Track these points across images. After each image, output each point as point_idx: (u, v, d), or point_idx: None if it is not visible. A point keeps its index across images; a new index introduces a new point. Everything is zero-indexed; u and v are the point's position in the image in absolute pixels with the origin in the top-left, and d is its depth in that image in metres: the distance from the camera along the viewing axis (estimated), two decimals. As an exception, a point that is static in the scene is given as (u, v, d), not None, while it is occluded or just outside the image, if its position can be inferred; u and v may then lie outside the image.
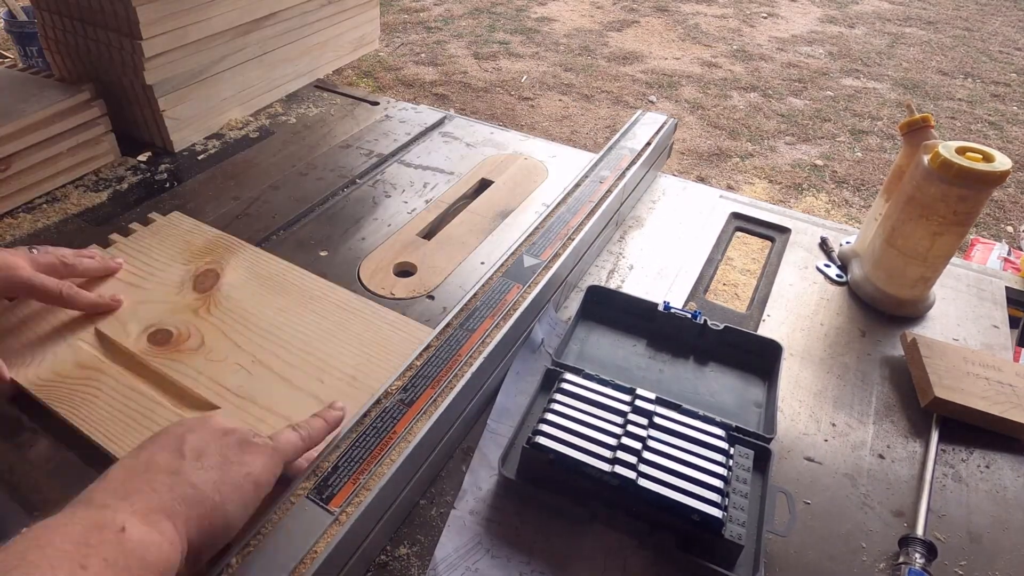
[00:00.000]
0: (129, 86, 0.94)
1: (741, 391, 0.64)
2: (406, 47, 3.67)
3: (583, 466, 0.50)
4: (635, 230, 0.87)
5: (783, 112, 3.06)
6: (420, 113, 1.11)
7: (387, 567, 0.49)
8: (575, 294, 0.77)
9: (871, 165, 2.68)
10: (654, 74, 3.39)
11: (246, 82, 1.06)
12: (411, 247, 0.80)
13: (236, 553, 0.42)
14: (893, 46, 3.78)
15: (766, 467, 0.54)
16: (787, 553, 0.52)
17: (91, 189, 0.89)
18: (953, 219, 0.67)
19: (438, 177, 0.94)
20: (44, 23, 0.97)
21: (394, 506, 0.49)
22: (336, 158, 0.98)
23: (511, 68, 3.44)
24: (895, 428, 0.62)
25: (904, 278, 0.73)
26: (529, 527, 0.52)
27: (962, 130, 2.95)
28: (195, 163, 0.96)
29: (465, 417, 0.58)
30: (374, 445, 0.50)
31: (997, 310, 0.77)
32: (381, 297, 0.72)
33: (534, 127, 2.90)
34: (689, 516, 0.48)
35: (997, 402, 0.62)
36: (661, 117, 0.98)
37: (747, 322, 0.74)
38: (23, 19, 2.66)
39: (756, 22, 4.11)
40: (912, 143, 0.73)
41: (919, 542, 0.51)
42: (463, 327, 0.61)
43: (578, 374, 0.60)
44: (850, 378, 0.67)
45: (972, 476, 0.59)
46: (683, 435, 0.54)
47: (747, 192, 2.49)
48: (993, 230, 2.35)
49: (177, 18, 0.90)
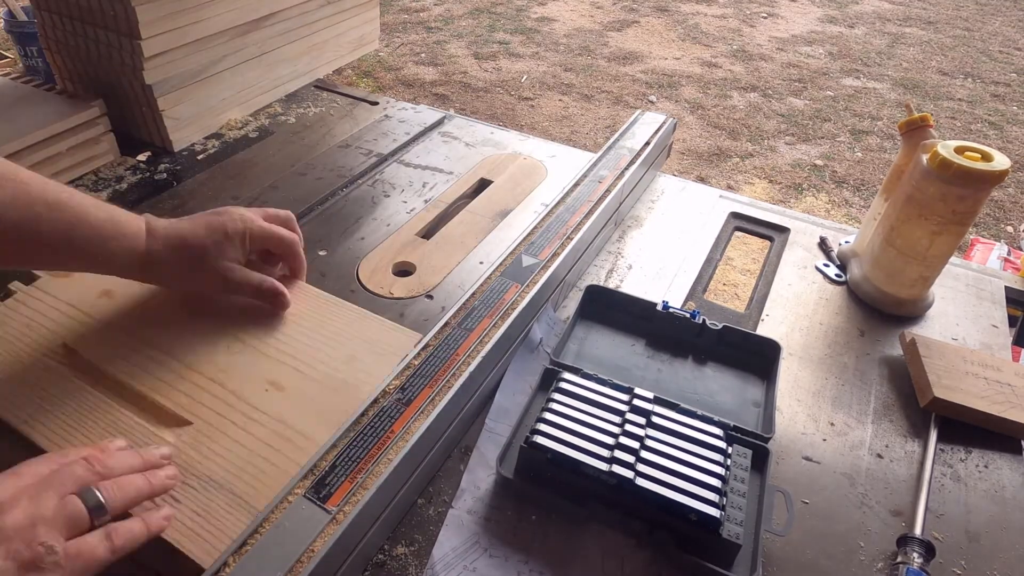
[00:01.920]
0: (129, 86, 0.94)
1: (739, 390, 0.64)
2: (406, 47, 3.67)
3: (581, 465, 0.50)
4: (634, 230, 0.87)
5: (783, 112, 3.06)
6: (420, 113, 1.11)
7: (385, 566, 0.49)
8: (574, 293, 0.77)
9: (871, 165, 2.68)
10: (654, 74, 3.39)
11: (245, 82, 1.06)
12: (410, 247, 0.80)
13: (233, 552, 0.42)
14: (893, 46, 3.78)
15: (764, 466, 0.54)
16: (785, 552, 0.51)
17: (90, 189, 0.89)
18: (952, 218, 0.67)
19: (437, 177, 0.94)
20: (44, 23, 0.97)
21: (392, 505, 0.49)
22: (335, 158, 0.98)
23: (511, 68, 3.44)
24: (894, 427, 0.62)
25: (903, 277, 0.73)
26: (527, 526, 0.52)
27: (962, 130, 2.94)
28: (194, 163, 0.97)
29: (463, 416, 0.58)
30: (372, 444, 0.50)
31: (996, 310, 0.77)
32: (380, 296, 0.72)
33: (534, 127, 2.90)
34: (687, 515, 0.48)
35: (996, 402, 0.62)
36: (660, 117, 0.98)
37: (746, 322, 0.74)
38: (23, 19, 2.67)
39: (756, 22, 4.11)
40: (911, 143, 0.73)
41: (917, 541, 0.51)
42: (461, 326, 0.61)
43: (576, 373, 0.60)
44: (849, 377, 0.67)
45: (971, 476, 0.59)
46: (681, 434, 0.54)
47: (747, 192, 2.49)
48: (993, 230, 2.35)
49: (177, 18, 0.90)
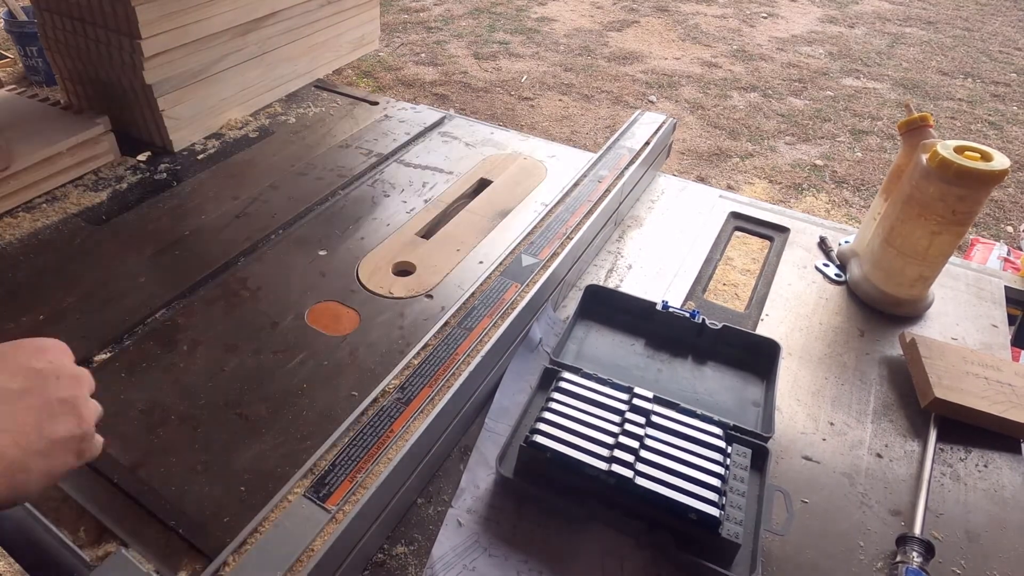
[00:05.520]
0: (129, 86, 0.94)
1: (739, 390, 0.64)
2: (406, 47, 3.67)
3: (581, 465, 0.50)
4: (634, 229, 0.87)
5: (783, 112, 3.06)
6: (419, 113, 1.11)
7: (384, 565, 0.49)
8: (573, 293, 0.77)
9: (871, 165, 2.68)
10: (654, 74, 3.39)
11: (246, 82, 1.06)
12: (410, 246, 0.80)
13: (233, 551, 0.42)
14: (893, 46, 3.78)
15: (764, 466, 0.54)
16: (785, 552, 0.51)
17: (91, 189, 0.89)
18: (952, 218, 0.67)
19: (437, 177, 0.94)
20: (44, 23, 0.97)
21: (391, 504, 0.49)
22: (335, 158, 0.98)
23: (511, 68, 3.44)
24: (893, 427, 0.62)
25: (903, 277, 0.73)
26: (527, 526, 0.52)
27: (962, 130, 2.94)
28: (195, 163, 0.97)
29: (463, 416, 0.58)
30: (371, 443, 0.50)
31: (996, 309, 0.77)
32: (380, 296, 0.72)
33: (534, 127, 2.90)
34: (686, 515, 0.48)
35: (997, 402, 0.62)
36: (660, 117, 0.98)
37: (745, 321, 0.74)
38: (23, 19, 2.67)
39: (756, 22, 4.11)
40: (911, 143, 0.73)
41: (917, 541, 0.50)
42: (461, 326, 0.61)
43: (576, 373, 0.60)
44: (848, 377, 0.67)
45: (970, 475, 0.59)
46: (681, 434, 0.54)
47: (747, 192, 2.49)
48: (993, 230, 2.35)
49: (177, 18, 0.90)
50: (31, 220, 0.83)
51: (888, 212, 0.73)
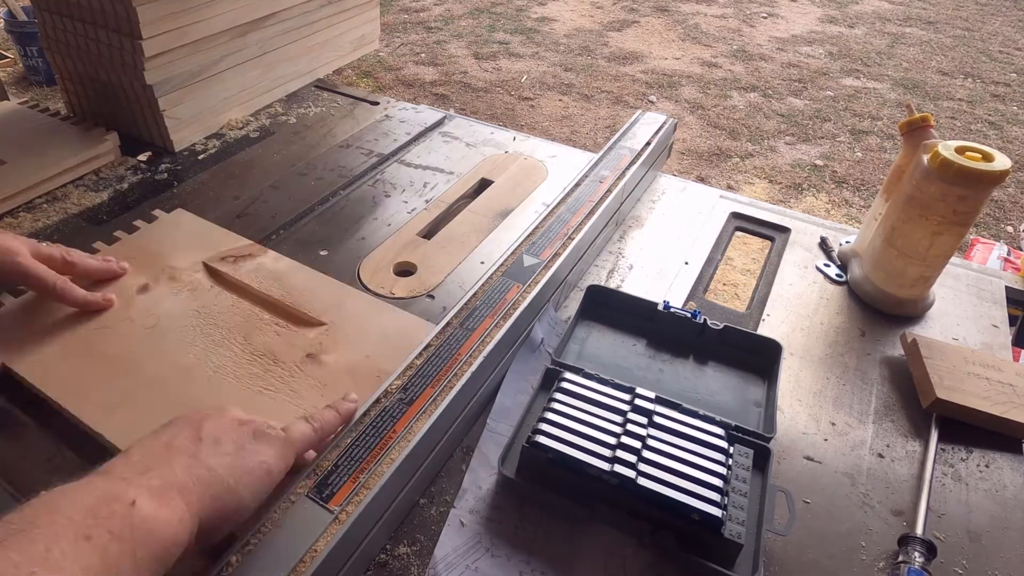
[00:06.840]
0: (129, 86, 0.94)
1: (741, 390, 0.64)
2: (406, 47, 3.67)
3: (583, 465, 0.50)
4: (635, 230, 0.87)
5: (783, 112, 3.06)
6: (420, 113, 1.11)
7: (387, 566, 0.49)
8: (575, 293, 0.77)
9: (871, 165, 2.68)
10: (654, 74, 3.39)
11: (246, 82, 1.06)
12: (411, 247, 0.80)
13: (236, 551, 0.42)
14: (893, 46, 3.78)
15: (766, 466, 0.54)
16: (787, 552, 0.52)
17: (91, 189, 0.89)
18: (953, 218, 0.67)
19: (438, 177, 0.94)
20: (44, 23, 0.97)
21: (394, 505, 0.49)
22: (336, 158, 0.98)
23: (511, 68, 3.44)
24: (895, 427, 0.62)
25: (904, 278, 0.73)
26: (529, 526, 0.52)
27: (962, 130, 2.95)
28: (195, 163, 0.97)
29: (465, 416, 0.58)
30: (374, 444, 0.50)
31: (997, 309, 0.77)
32: (381, 296, 0.72)
33: (534, 127, 2.90)
34: (689, 515, 0.48)
35: (998, 402, 0.62)
36: (661, 117, 0.98)
37: (747, 322, 0.74)
38: (23, 19, 2.67)
39: (756, 22, 4.11)
40: (912, 143, 0.73)
41: (919, 541, 0.51)
42: (463, 326, 0.61)
43: (578, 373, 0.60)
44: (850, 377, 0.67)
45: (972, 475, 0.59)
46: (683, 434, 0.54)
47: (747, 192, 2.49)
48: (993, 230, 2.35)
49: (177, 18, 0.90)
50: (31, 220, 0.83)
51: (889, 212, 0.73)
